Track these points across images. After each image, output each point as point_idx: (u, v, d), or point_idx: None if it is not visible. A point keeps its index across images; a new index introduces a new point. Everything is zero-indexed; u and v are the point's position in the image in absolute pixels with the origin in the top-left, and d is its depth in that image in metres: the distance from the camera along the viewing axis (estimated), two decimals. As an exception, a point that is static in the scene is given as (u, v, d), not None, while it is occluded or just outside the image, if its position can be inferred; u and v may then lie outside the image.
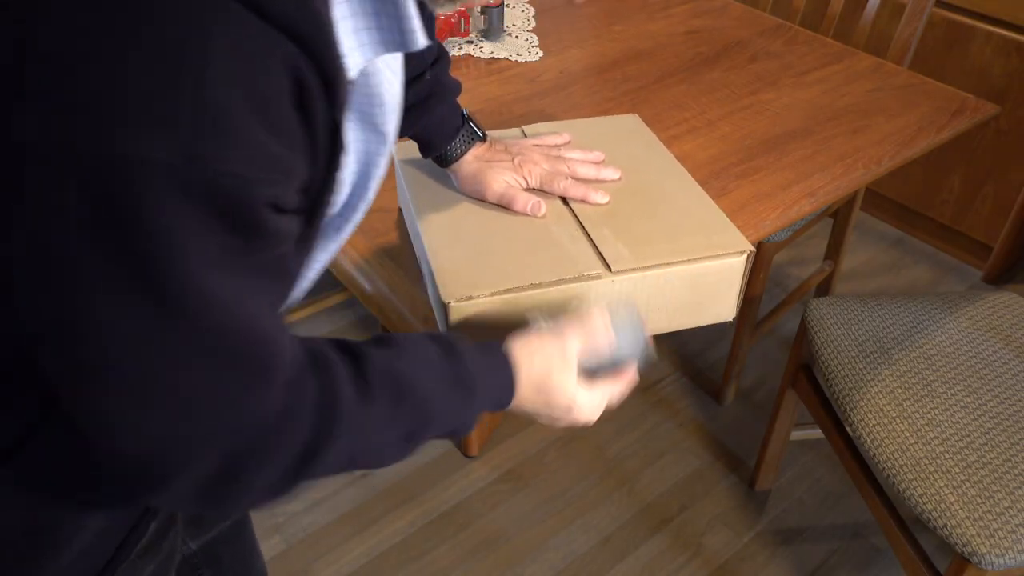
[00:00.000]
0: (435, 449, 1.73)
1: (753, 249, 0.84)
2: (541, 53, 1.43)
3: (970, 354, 1.29)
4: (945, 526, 1.08)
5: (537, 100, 1.28)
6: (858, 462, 1.31)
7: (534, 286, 0.77)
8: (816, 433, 1.54)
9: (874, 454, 1.19)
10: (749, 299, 1.70)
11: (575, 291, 0.79)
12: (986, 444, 1.15)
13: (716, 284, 0.84)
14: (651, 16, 1.58)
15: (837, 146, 1.19)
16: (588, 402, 0.71)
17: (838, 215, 1.89)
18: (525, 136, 1.02)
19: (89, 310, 0.42)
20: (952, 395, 1.22)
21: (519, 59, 1.40)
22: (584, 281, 0.79)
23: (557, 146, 0.97)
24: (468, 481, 1.68)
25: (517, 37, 1.47)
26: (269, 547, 1.55)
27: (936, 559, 1.22)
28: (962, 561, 1.09)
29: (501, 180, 0.89)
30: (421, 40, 0.53)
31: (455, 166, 0.91)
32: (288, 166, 0.45)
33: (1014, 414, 1.19)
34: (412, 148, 0.94)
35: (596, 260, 0.81)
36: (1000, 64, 1.98)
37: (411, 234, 0.95)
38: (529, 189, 0.91)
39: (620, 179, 0.93)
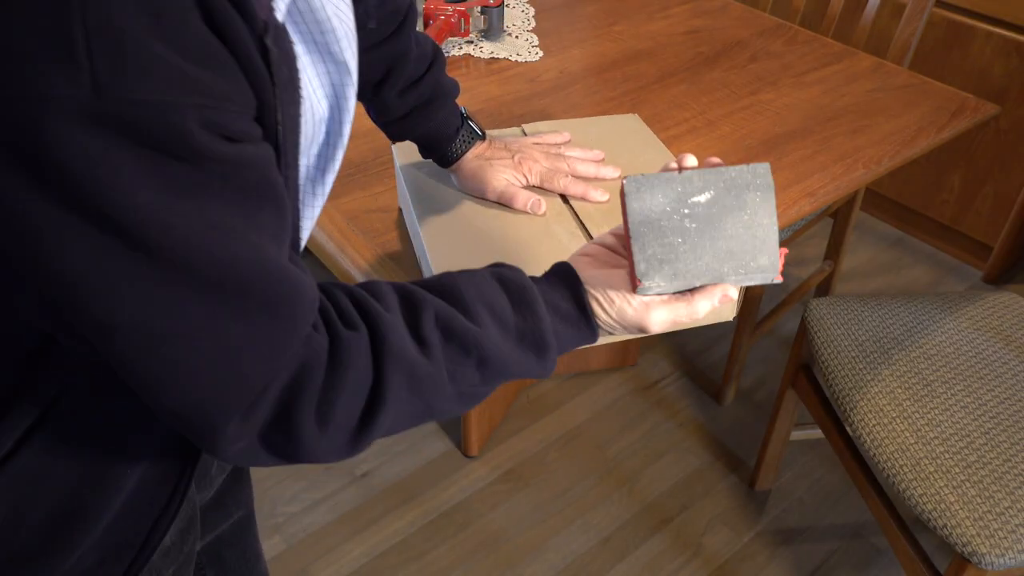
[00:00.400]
0: (435, 449, 1.73)
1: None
2: (541, 53, 1.43)
3: (970, 354, 1.29)
4: (945, 526, 1.08)
5: (537, 100, 1.28)
6: (858, 462, 1.31)
7: None
8: (816, 433, 1.54)
9: (874, 454, 1.19)
10: (749, 299, 1.70)
11: None
12: (986, 444, 1.15)
13: None
14: (651, 16, 1.58)
15: (837, 146, 1.19)
16: (662, 315, 0.65)
17: (838, 215, 1.89)
18: (525, 135, 1.02)
19: (62, 268, 0.42)
20: (952, 395, 1.22)
21: (519, 59, 1.40)
22: None
23: (557, 144, 0.97)
24: (468, 481, 1.68)
25: (517, 37, 1.47)
26: (269, 547, 1.55)
27: (936, 559, 1.22)
28: (962, 561, 1.09)
29: (501, 178, 0.89)
30: None
31: (455, 166, 0.91)
32: (219, 90, 0.44)
33: (1014, 414, 1.19)
34: (412, 149, 0.94)
35: (582, 234, 0.82)
36: (1000, 64, 1.98)
37: (411, 234, 0.95)
38: (529, 187, 0.91)
39: (619, 177, 0.93)
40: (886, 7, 1.95)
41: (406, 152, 0.97)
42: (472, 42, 1.45)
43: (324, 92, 0.59)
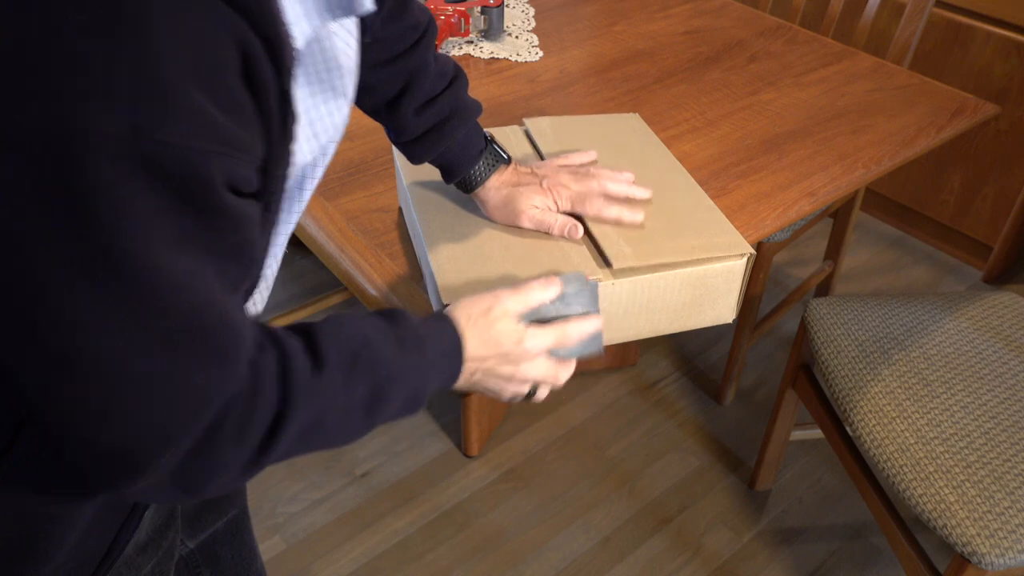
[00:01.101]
0: (435, 449, 1.73)
1: (753, 252, 0.84)
2: (541, 53, 1.43)
3: (970, 354, 1.29)
4: (945, 526, 1.08)
5: (537, 100, 1.28)
6: (858, 462, 1.31)
7: None
8: (816, 433, 1.54)
9: (874, 454, 1.19)
10: (749, 299, 1.70)
11: None
12: (986, 444, 1.15)
13: (716, 286, 0.84)
14: (651, 16, 1.58)
15: (837, 146, 1.19)
16: (539, 340, 0.70)
17: (838, 215, 1.89)
18: (527, 130, 1.02)
19: (42, 293, 0.42)
20: (952, 395, 1.22)
21: (519, 59, 1.40)
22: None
23: (584, 165, 0.93)
24: (468, 481, 1.68)
25: (517, 37, 1.47)
26: (269, 547, 1.55)
27: (936, 559, 1.22)
28: (962, 561, 1.09)
29: (533, 206, 0.86)
30: (368, 2, 0.53)
31: (481, 193, 0.87)
32: (241, 142, 0.45)
33: (1014, 414, 1.19)
34: None
35: (598, 260, 0.82)
36: (1000, 64, 1.98)
37: (411, 234, 0.95)
38: (560, 211, 0.88)
39: (650, 198, 0.90)
40: (886, 7, 1.95)
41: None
42: (472, 42, 1.45)
43: (320, 127, 0.59)
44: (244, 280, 0.52)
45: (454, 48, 1.43)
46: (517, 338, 0.69)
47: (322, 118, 0.59)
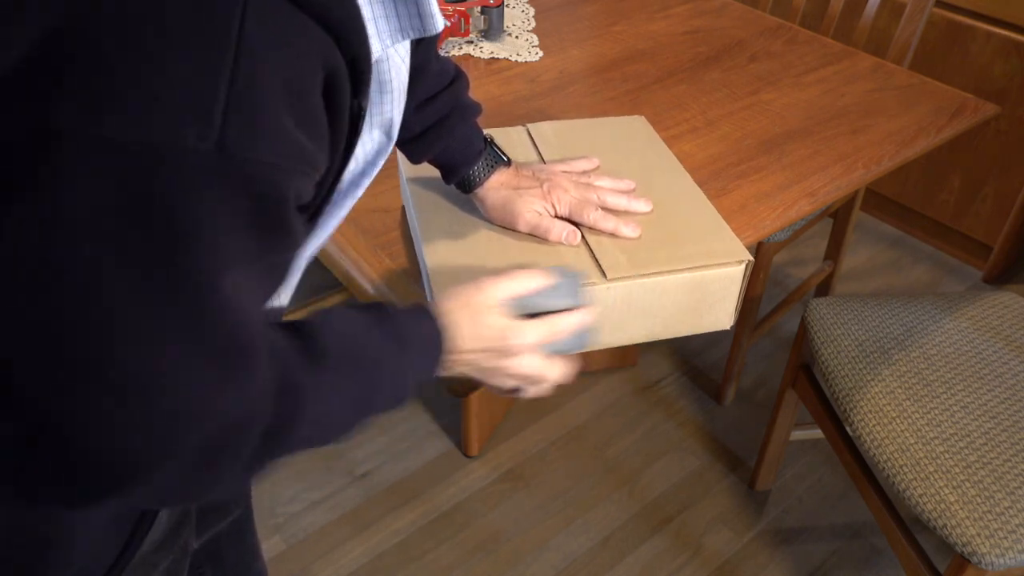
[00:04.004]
0: (435, 449, 1.73)
1: (752, 259, 0.83)
2: (541, 53, 1.43)
3: (970, 354, 1.29)
4: (945, 526, 1.08)
5: (537, 100, 1.28)
6: (858, 462, 1.31)
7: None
8: (816, 433, 1.54)
9: (874, 454, 1.19)
10: (749, 299, 1.70)
11: None
12: (986, 444, 1.15)
13: (714, 293, 0.84)
14: (651, 16, 1.58)
15: (837, 146, 1.19)
16: (528, 333, 0.69)
17: (838, 215, 1.89)
18: (529, 134, 1.02)
19: (95, 303, 0.41)
20: (952, 395, 1.22)
21: (519, 59, 1.40)
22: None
23: (586, 172, 0.93)
24: (468, 481, 1.68)
25: (517, 37, 1.47)
26: (269, 547, 1.55)
27: (936, 559, 1.22)
28: (962, 561, 1.09)
29: (532, 210, 0.85)
30: (440, 23, 0.53)
31: (480, 194, 0.87)
32: (313, 158, 0.45)
33: (1014, 414, 1.19)
34: None
35: (593, 267, 0.81)
36: (1000, 64, 1.98)
37: (412, 235, 0.95)
38: (557, 217, 0.87)
39: (651, 211, 0.89)
40: (886, 7, 1.95)
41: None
42: (472, 42, 1.45)
43: (363, 149, 0.60)
44: (271, 294, 0.52)
45: (454, 48, 1.43)
46: (504, 331, 0.68)
47: (371, 136, 0.60)
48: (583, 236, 0.85)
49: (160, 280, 0.41)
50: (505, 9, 1.51)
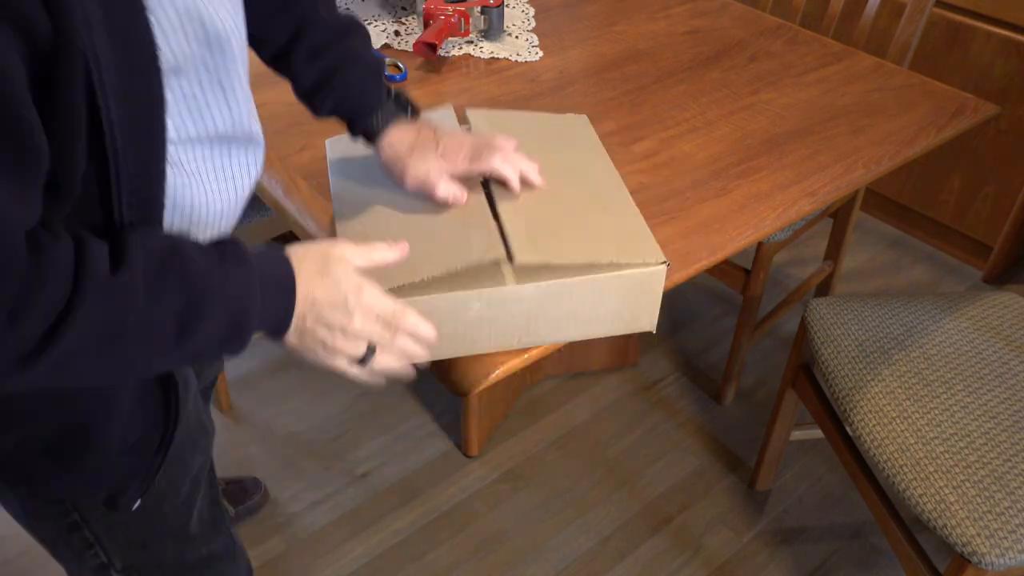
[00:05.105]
0: (435, 449, 1.73)
1: (668, 263, 0.81)
2: (541, 53, 1.43)
3: (970, 354, 1.29)
4: (945, 526, 1.08)
5: (537, 100, 1.28)
6: (858, 462, 1.31)
7: (432, 281, 0.75)
8: (816, 433, 1.54)
9: (874, 454, 1.19)
10: (749, 299, 1.70)
11: (480, 296, 0.77)
12: (986, 444, 1.15)
13: (631, 294, 0.82)
14: (651, 16, 1.58)
15: (837, 146, 1.19)
16: (378, 300, 0.68)
17: (838, 215, 1.89)
18: (467, 118, 0.99)
19: None
20: (952, 395, 1.22)
21: (519, 59, 1.40)
22: (489, 287, 0.76)
23: (494, 138, 0.90)
24: (468, 481, 1.68)
25: (517, 37, 1.47)
26: (269, 547, 1.55)
27: (936, 559, 1.22)
28: (962, 561, 1.09)
29: (422, 167, 0.84)
30: None
31: (380, 145, 0.87)
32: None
33: (1014, 414, 1.19)
34: (344, 145, 0.94)
35: (500, 246, 0.78)
36: (1000, 64, 1.98)
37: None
38: (456, 175, 0.85)
39: (544, 185, 0.88)
40: (886, 7, 1.95)
41: (336, 148, 0.96)
42: (472, 42, 1.45)
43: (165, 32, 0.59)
44: (29, 168, 0.50)
45: (454, 48, 1.43)
46: (355, 286, 0.67)
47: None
48: (496, 219, 0.82)
49: None
50: (505, 9, 1.51)
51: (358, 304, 0.67)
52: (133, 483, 0.76)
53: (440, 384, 0.77)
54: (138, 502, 0.77)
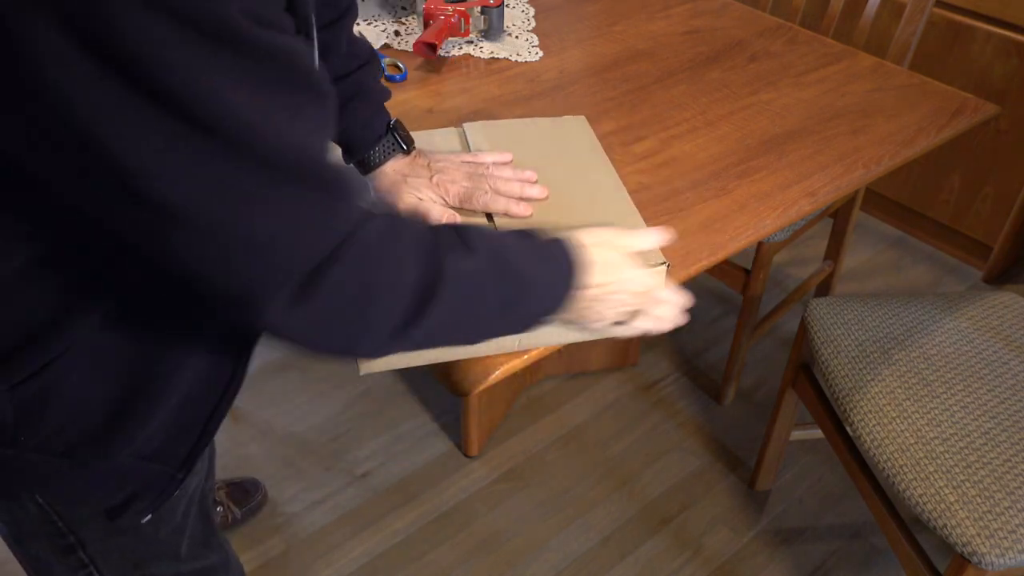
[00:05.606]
0: (435, 449, 1.73)
1: (668, 263, 0.81)
2: (541, 53, 1.43)
3: (970, 354, 1.29)
4: (945, 526, 1.08)
5: (537, 100, 1.28)
6: (858, 462, 1.31)
7: None
8: (816, 433, 1.54)
9: (874, 454, 1.19)
10: (749, 299, 1.70)
11: None
12: (986, 444, 1.15)
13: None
14: (651, 16, 1.58)
15: (837, 146, 1.19)
16: (641, 275, 0.72)
17: (838, 215, 1.89)
18: (465, 135, 1.00)
19: (125, 151, 0.44)
20: (952, 395, 1.22)
21: (519, 59, 1.40)
22: None
23: (486, 164, 0.93)
24: (468, 481, 1.68)
25: (517, 37, 1.47)
26: (269, 547, 1.55)
27: (936, 559, 1.22)
28: (962, 561, 1.09)
29: (414, 196, 0.87)
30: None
31: (376, 176, 0.91)
32: None
33: (1014, 414, 1.19)
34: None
35: None
36: (1000, 64, 1.98)
37: None
38: (451, 207, 0.88)
39: (546, 197, 0.89)
40: (886, 7, 1.95)
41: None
42: (472, 42, 1.45)
43: None
44: (324, 122, 0.54)
45: (454, 48, 1.43)
46: (626, 265, 0.72)
47: None
48: (492, 223, 0.84)
49: (158, 108, 0.44)
50: (505, 9, 1.51)
51: (627, 282, 0.72)
52: (149, 493, 0.76)
53: (440, 384, 0.77)
54: (149, 515, 0.77)
